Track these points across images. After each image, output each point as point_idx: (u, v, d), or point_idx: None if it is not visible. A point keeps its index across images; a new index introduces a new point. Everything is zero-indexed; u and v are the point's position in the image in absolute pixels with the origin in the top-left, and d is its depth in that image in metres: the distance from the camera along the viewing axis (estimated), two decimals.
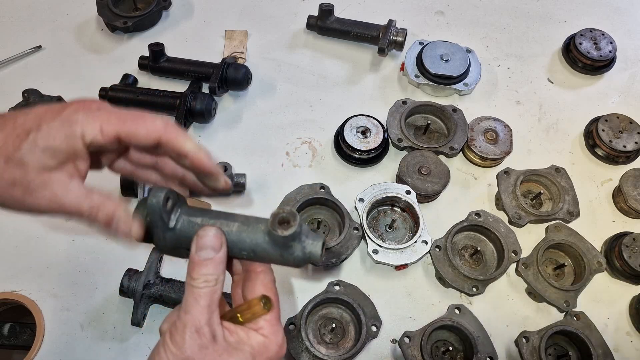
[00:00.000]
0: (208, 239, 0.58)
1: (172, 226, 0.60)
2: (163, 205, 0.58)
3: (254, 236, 0.60)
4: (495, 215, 1.11)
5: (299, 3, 1.45)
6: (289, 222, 0.57)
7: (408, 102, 1.22)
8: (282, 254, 0.59)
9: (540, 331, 0.98)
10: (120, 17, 1.34)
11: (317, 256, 0.59)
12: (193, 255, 0.58)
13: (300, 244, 0.59)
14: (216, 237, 0.58)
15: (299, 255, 0.59)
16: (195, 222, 0.60)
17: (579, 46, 1.33)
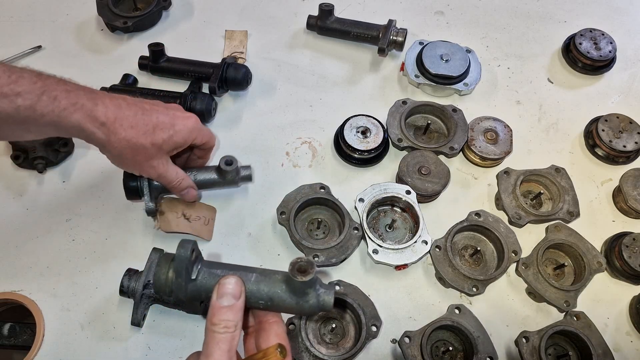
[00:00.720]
0: (229, 287, 0.62)
1: (194, 277, 0.65)
2: (190, 256, 0.63)
3: (272, 285, 0.65)
4: (495, 215, 1.11)
5: (299, 3, 1.45)
6: (307, 270, 0.62)
7: (408, 102, 1.22)
8: (298, 302, 0.64)
9: (540, 331, 0.98)
10: (120, 17, 1.34)
11: (330, 304, 0.65)
12: (214, 302, 0.62)
13: (315, 292, 0.64)
14: (237, 285, 0.63)
15: (314, 302, 0.64)
16: (216, 274, 0.65)
17: (579, 46, 1.34)
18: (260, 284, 0.65)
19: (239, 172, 1.07)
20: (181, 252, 0.63)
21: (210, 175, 1.06)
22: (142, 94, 1.22)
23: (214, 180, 1.06)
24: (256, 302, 0.65)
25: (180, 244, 0.63)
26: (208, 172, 1.06)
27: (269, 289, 0.65)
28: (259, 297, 0.64)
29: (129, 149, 0.88)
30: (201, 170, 1.06)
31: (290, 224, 1.06)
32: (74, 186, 1.15)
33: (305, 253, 1.04)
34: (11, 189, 1.14)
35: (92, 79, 1.26)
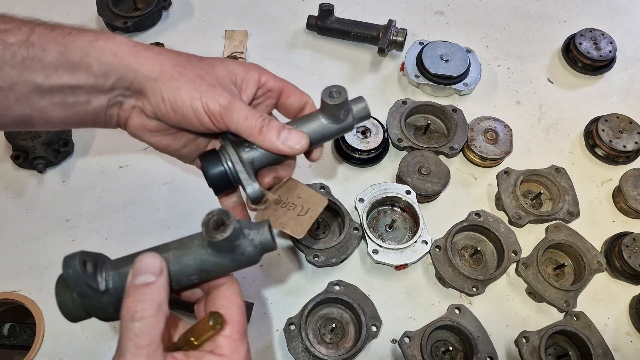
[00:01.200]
0: (144, 262, 0.52)
1: (103, 289, 0.54)
2: (82, 272, 0.52)
3: (195, 255, 0.55)
4: (495, 215, 1.11)
5: (299, 3, 1.45)
6: (224, 223, 0.53)
7: (408, 102, 1.22)
8: (232, 259, 0.55)
9: (540, 331, 0.98)
10: (120, 17, 1.34)
11: (269, 243, 0.56)
12: (129, 283, 0.51)
13: (245, 239, 0.55)
14: (154, 259, 0.52)
15: (251, 250, 0.56)
16: (127, 272, 0.54)
17: (579, 46, 1.34)
18: (182, 258, 0.55)
19: (349, 107, 0.71)
20: (69, 272, 0.51)
21: (314, 122, 0.69)
22: None
23: (323, 126, 0.69)
24: (187, 280, 0.56)
25: (64, 262, 0.52)
26: (310, 119, 0.70)
27: (194, 260, 0.55)
28: (188, 273, 0.55)
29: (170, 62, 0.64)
30: (300, 120, 0.71)
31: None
32: (74, 186, 1.15)
33: (305, 253, 1.04)
34: (11, 189, 1.14)
35: None
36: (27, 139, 1.12)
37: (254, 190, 0.66)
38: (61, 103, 0.63)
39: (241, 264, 0.57)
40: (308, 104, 0.74)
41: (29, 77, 0.60)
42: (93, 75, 0.62)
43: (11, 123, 0.64)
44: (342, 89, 0.68)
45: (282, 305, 1.04)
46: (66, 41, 0.62)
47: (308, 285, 1.06)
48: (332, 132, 0.69)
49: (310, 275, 1.08)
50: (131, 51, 0.63)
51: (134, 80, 0.63)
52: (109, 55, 0.62)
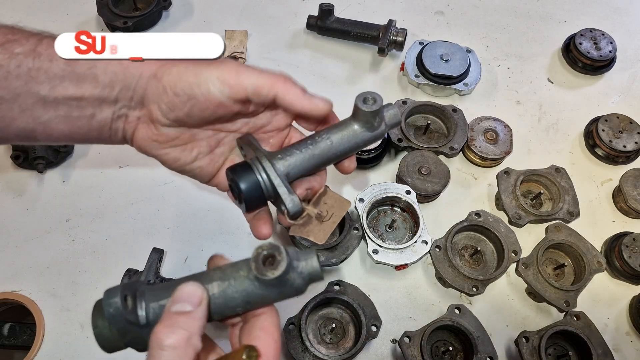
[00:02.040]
0: (185, 291, 0.50)
1: (144, 322, 0.51)
2: (124, 308, 0.49)
3: (241, 288, 0.52)
4: (495, 215, 1.11)
5: (299, 3, 1.45)
6: (275, 258, 0.50)
7: (408, 102, 1.22)
8: (280, 292, 0.53)
9: (540, 331, 0.98)
10: (120, 17, 1.34)
11: (318, 273, 0.53)
12: (166, 310, 0.49)
13: (294, 272, 0.52)
14: (195, 289, 0.50)
15: (300, 282, 0.53)
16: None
17: (579, 46, 1.34)
18: (226, 290, 0.52)
19: (382, 115, 0.68)
20: (111, 310, 0.49)
21: (347, 129, 0.66)
22: None
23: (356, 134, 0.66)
24: (231, 311, 0.53)
25: (105, 298, 0.50)
26: (342, 127, 0.67)
27: (239, 293, 0.52)
28: (233, 305, 0.52)
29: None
30: (332, 128, 0.67)
31: None
32: (74, 186, 1.15)
33: None
34: (11, 189, 1.14)
35: None
36: None
37: (294, 205, 0.61)
38: (65, 116, 0.61)
39: (287, 296, 0.54)
40: (330, 115, 0.70)
41: (33, 88, 0.59)
42: (99, 86, 0.60)
43: (14, 136, 0.62)
44: (377, 95, 0.64)
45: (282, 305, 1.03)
46: None
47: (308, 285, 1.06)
48: (365, 140, 0.66)
49: None
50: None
51: (137, 87, 0.61)
52: (115, 64, 0.61)
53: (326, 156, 0.64)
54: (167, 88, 0.60)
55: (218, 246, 1.10)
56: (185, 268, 1.07)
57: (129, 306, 0.50)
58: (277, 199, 0.61)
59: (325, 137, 0.64)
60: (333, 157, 0.65)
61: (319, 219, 0.66)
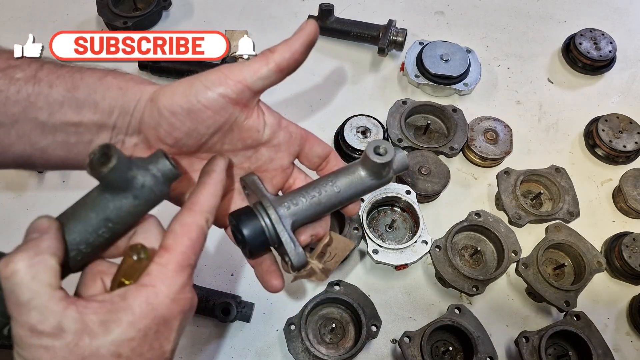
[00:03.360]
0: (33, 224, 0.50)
1: None
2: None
3: (93, 205, 0.53)
4: (495, 215, 1.11)
5: (299, 3, 1.45)
6: (108, 155, 0.49)
7: (408, 102, 1.22)
8: (134, 196, 0.52)
9: (540, 331, 0.98)
10: (120, 17, 1.34)
11: (170, 170, 0.53)
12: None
13: (140, 170, 0.52)
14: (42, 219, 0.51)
15: (151, 181, 0.52)
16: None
17: (579, 46, 1.34)
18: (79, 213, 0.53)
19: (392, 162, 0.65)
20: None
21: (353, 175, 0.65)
22: None
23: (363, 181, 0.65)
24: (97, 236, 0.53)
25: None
26: (349, 173, 0.65)
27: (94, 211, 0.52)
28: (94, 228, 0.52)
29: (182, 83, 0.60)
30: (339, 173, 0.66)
31: None
32: (74, 186, 1.15)
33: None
34: (11, 189, 1.14)
35: None
36: None
37: (299, 259, 0.60)
38: (63, 142, 0.60)
39: (148, 201, 0.53)
40: (332, 154, 0.71)
41: (32, 114, 0.58)
42: (98, 112, 0.59)
43: (11, 162, 0.61)
44: (389, 146, 0.62)
45: (282, 305, 1.04)
46: (75, 78, 0.60)
47: (308, 285, 1.06)
48: (372, 188, 0.65)
49: None
50: (137, 84, 0.61)
51: (134, 112, 0.60)
52: (115, 89, 0.60)
53: (331, 203, 0.63)
54: (164, 110, 0.58)
55: (218, 246, 1.10)
56: None
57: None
58: (281, 247, 0.61)
59: (331, 184, 0.63)
60: (338, 204, 0.64)
61: (324, 272, 0.65)
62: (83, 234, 0.51)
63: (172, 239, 0.51)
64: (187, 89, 0.58)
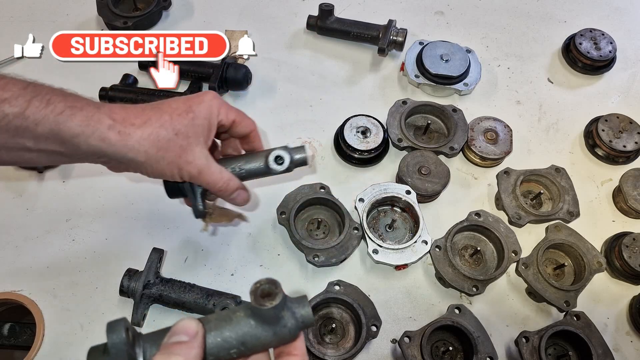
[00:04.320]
0: (181, 324, 0.52)
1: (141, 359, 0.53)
2: (126, 339, 0.51)
3: (237, 327, 0.54)
4: (495, 215, 1.11)
5: (299, 3, 1.45)
6: (272, 292, 0.53)
7: (408, 102, 1.22)
8: (275, 332, 0.55)
9: (540, 331, 0.98)
10: (120, 17, 1.34)
11: (310, 317, 0.56)
12: (163, 343, 0.52)
13: (289, 311, 0.55)
14: (190, 322, 0.53)
15: (293, 324, 0.56)
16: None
17: (579, 46, 1.34)
18: (223, 329, 0.54)
19: (292, 158, 0.88)
20: (114, 338, 0.50)
21: (258, 163, 0.87)
22: (142, 94, 1.22)
23: (263, 170, 0.87)
24: (226, 354, 0.55)
25: (108, 329, 0.51)
26: (255, 160, 0.87)
27: (235, 332, 0.54)
28: (228, 347, 0.54)
29: (154, 147, 0.73)
30: (247, 159, 0.88)
31: (290, 224, 1.06)
32: (74, 186, 1.15)
33: (305, 253, 1.04)
34: (11, 189, 1.14)
35: (92, 79, 1.27)
36: None
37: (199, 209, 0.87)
38: (48, 156, 0.72)
39: (281, 339, 0.56)
40: (253, 132, 0.88)
41: (20, 141, 0.68)
42: (82, 152, 0.71)
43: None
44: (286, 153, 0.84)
45: None
46: (59, 120, 0.67)
47: (308, 285, 1.06)
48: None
49: (310, 275, 1.08)
50: (118, 137, 0.71)
51: (121, 160, 0.74)
52: (96, 140, 0.70)
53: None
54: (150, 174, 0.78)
55: (218, 246, 1.10)
56: (186, 268, 1.07)
57: (131, 339, 0.52)
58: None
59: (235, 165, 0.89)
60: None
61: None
62: (218, 348, 0.54)
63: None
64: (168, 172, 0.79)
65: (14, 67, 1.32)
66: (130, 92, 1.22)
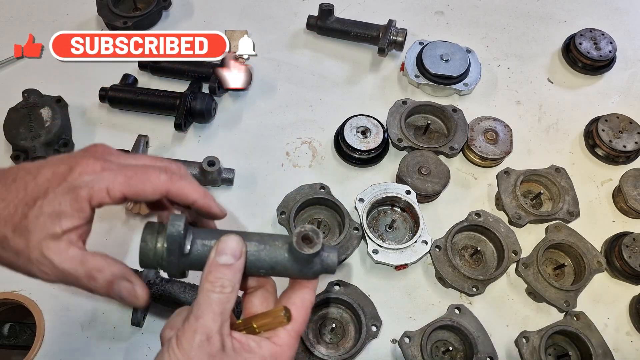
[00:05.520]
0: (230, 244, 0.58)
1: (187, 252, 0.60)
2: (183, 234, 0.58)
3: (274, 254, 0.60)
4: (495, 215, 1.11)
5: (299, 3, 1.45)
6: (313, 240, 0.58)
7: (408, 102, 1.22)
8: (301, 270, 0.61)
9: (540, 331, 0.98)
10: (120, 17, 1.34)
11: (334, 267, 0.61)
12: (212, 260, 0.57)
13: (319, 257, 0.60)
14: (238, 244, 0.58)
15: (318, 268, 0.61)
16: (209, 245, 0.60)
17: (579, 46, 1.33)
18: (260, 252, 0.60)
19: (221, 173, 1.02)
20: (173, 230, 0.58)
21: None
22: (142, 94, 1.22)
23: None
24: (256, 270, 0.61)
25: (171, 221, 0.58)
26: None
27: (270, 258, 0.60)
28: (260, 266, 0.60)
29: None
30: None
31: (290, 224, 1.06)
32: None
33: None
34: None
35: (92, 79, 1.27)
36: (27, 139, 1.12)
37: None
38: None
39: (304, 275, 0.62)
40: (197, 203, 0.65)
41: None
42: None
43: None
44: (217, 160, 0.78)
45: None
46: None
47: None
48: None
49: None
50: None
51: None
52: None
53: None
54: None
55: None
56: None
57: (185, 234, 0.59)
58: None
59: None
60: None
61: None
62: (251, 266, 0.60)
63: (295, 311, 0.61)
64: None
65: (14, 67, 1.32)
66: (130, 92, 1.22)
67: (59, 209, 0.57)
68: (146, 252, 0.61)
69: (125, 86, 1.24)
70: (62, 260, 0.59)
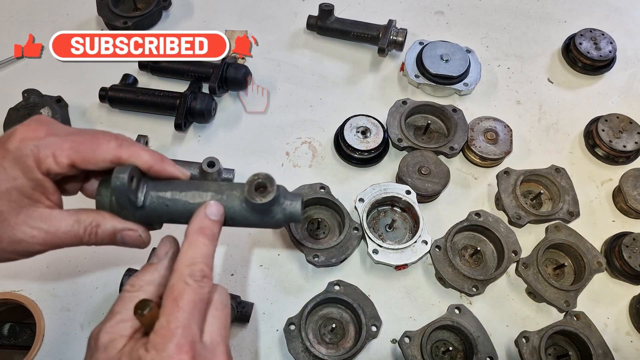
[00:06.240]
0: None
1: (140, 205, 0.59)
2: (128, 185, 0.56)
3: (231, 204, 0.58)
4: (495, 215, 1.11)
5: (299, 3, 1.45)
6: (266, 188, 0.56)
7: (408, 102, 1.22)
8: (262, 219, 0.59)
9: (540, 331, 0.98)
10: (120, 17, 1.34)
11: (298, 215, 0.59)
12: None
13: (279, 206, 0.58)
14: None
15: (280, 217, 0.59)
16: (165, 197, 0.59)
17: (579, 46, 1.33)
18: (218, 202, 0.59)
19: (221, 173, 0.94)
20: (117, 183, 0.55)
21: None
22: (142, 94, 1.22)
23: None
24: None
25: (114, 173, 0.56)
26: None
27: (227, 209, 0.59)
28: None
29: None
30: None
31: (290, 224, 1.06)
32: None
33: (305, 253, 1.04)
34: None
35: (92, 79, 1.27)
36: None
37: None
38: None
39: (267, 225, 0.60)
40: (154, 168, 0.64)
41: None
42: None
43: None
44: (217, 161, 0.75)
45: (282, 305, 1.04)
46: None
47: (308, 285, 1.06)
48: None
49: (310, 275, 1.08)
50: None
51: None
52: None
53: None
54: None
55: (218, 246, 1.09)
56: None
57: (133, 186, 0.57)
58: None
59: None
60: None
61: None
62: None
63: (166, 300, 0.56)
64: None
65: (14, 67, 1.32)
66: (130, 92, 1.22)
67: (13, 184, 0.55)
68: (102, 206, 0.60)
69: (125, 86, 1.24)
70: (54, 224, 0.59)
